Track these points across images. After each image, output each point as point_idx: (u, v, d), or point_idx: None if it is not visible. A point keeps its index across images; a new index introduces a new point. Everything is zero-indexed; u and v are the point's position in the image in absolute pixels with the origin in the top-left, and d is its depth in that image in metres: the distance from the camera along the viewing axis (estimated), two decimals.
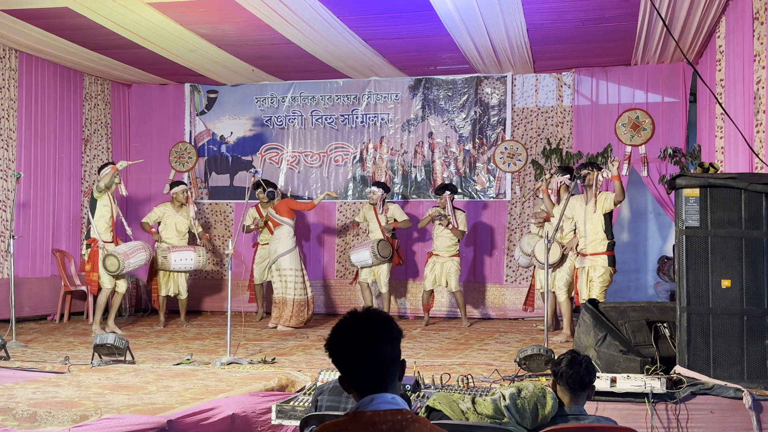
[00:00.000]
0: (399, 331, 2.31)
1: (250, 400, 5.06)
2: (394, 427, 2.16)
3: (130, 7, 8.17)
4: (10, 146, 9.94)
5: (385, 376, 2.26)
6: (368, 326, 2.27)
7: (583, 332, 5.95)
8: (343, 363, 2.28)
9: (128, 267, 8.80)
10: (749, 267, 5.33)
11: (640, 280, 11.87)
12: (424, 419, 2.26)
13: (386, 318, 2.30)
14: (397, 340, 2.29)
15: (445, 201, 9.58)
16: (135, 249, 8.94)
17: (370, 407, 2.21)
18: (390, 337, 2.27)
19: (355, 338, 2.26)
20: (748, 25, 6.84)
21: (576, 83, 10.75)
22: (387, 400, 2.23)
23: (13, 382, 5.70)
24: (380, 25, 8.84)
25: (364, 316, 2.29)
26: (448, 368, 6.22)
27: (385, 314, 2.33)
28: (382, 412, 2.19)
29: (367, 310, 2.31)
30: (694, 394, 5.05)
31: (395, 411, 2.21)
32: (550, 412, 3.72)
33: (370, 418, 2.18)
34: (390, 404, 2.22)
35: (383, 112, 11.42)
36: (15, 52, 10.01)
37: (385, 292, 9.93)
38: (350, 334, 2.27)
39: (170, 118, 12.07)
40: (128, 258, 8.76)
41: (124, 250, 8.80)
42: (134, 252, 8.89)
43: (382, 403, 2.22)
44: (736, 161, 7.34)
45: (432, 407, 3.92)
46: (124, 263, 8.69)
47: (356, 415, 2.21)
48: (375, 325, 2.27)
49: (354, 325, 2.28)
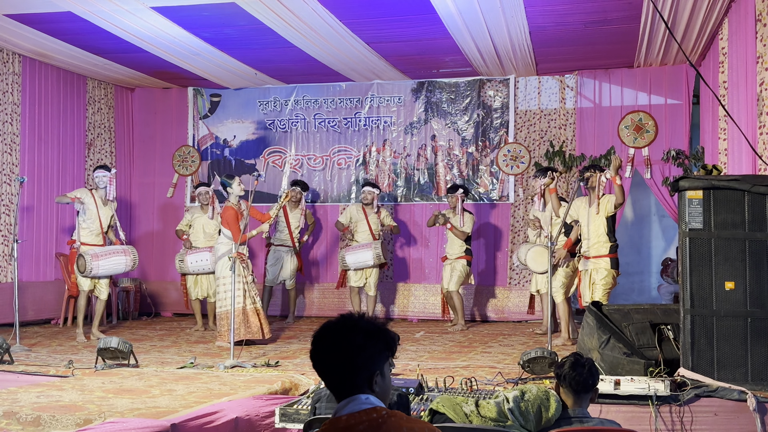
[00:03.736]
0: (373, 333, 2.29)
1: (253, 403, 5.06)
2: (371, 425, 2.18)
3: (133, 11, 8.19)
4: (14, 150, 9.96)
5: (359, 379, 2.26)
6: (339, 331, 2.28)
7: (587, 335, 5.94)
8: (317, 368, 2.32)
9: (98, 269, 8.51)
10: (753, 269, 5.32)
11: (644, 282, 11.85)
12: (400, 413, 2.27)
13: (357, 321, 2.30)
14: (371, 344, 2.27)
15: (456, 200, 9.60)
16: (111, 252, 8.68)
17: (344, 411, 2.23)
18: (361, 341, 2.26)
19: (324, 343, 2.29)
20: (751, 27, 6.84)
21: (579, 85, 10.75)
22: (361, 401, 2.24)
23: (17, 386, 5.71)
24: (383, 28, 8.85)
25: (335, 321, 2.31)
26: (451, 371, 6.22)
27: (359, 317, 2.31)
28: (357, 414, 2.21)
29: (342, 316, 2.33)
30: (698, 397, 5.04)
31: (369, 410, 2.22)
32: (554, 415, 3.72)
33: (346, 422, 2.20)
34: (364, 404, 2.23)
35: (386, 115, 11.43)
36: (18, 57, 10.04)
37: (373, 295, 9.98)
38: (320, 339, 2.30)
39: (173, 121, 12.09)
40: (97, 259, 8.50)
41: (96, 252, 8.57)
42: (108, 255, 8.63)
43: (357, 404, 2.23)
44: (740, 163, 7.33)
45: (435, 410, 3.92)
46: (92, 264, 8.44)
47: (333, 422, 2.23)
48: (344, 330, 2.28)
49: (324, 330, 2.31)
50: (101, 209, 8.80)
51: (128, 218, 11.92)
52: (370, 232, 9.95)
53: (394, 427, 2.18)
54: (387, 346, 2.32)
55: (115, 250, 8.76)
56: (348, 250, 9.91)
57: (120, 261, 8.72)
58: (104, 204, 8.84)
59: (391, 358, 2.36)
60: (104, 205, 8.84)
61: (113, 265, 8.69)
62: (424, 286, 11.09)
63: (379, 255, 9.70)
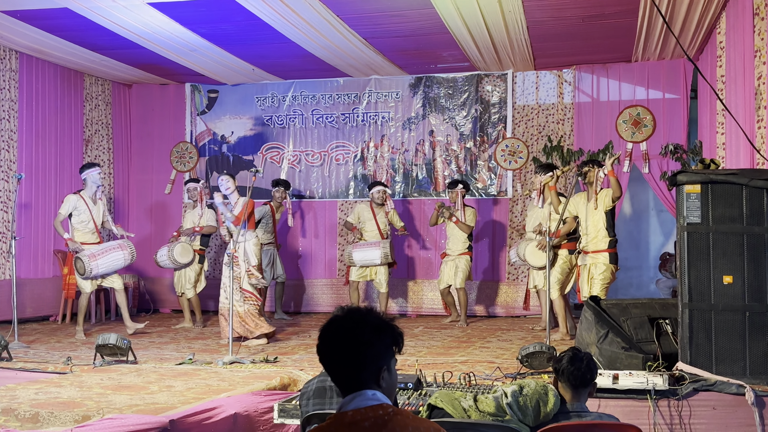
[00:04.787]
0: (381, 328, 2.28)
1: (252, 399, 5.06)
2: (377, 422, 2.17)
3: (130, 7, 8.18)
4: (11, 147, 9.94)
5: (365, 374, 2.25)
6: (346, 325, 2.28)
7: (585, 329, 5.95)
8: (323, 362, 2.30)
9: (97, 269, 8.49)
10: (751, 263, 5.32)
11: (642, 276, 11.86)
12: (407, 411, 2.26)
13: (365, 316, 2.29)
14: (378, 339, 2.27)
15: (456, 195, 9.60)
16: (107, 249, 8.66)
17: (350, 406, 2.22)
18: (368, 336, 2.25)
19: (331, 338, 2.28)
20: (749, 21, 6.83)
21: (577, 80, 10.74)
22: (367, 397, 2.23)
23: (16, 383, 5.71)
24: (380, 23, 8.84)
25: (343, 315, 2.30)
26: (450, 366, 6.22)
27: (367, 311, 2.31)
28: (363, 410, 2.20)
29: (350, 309, 2.32)
30: (697, 391, 5.05)
31: (376, 407, 2.21)
32: (552, 410, 3.71)
33: (352, 417, 2.19)
34: (371, 401, 2.22)
35: (384, 111, 11.42)
36: (15, 53, 10.02)
37: (384, 292, 9.89)
38: (327, 333, 2.29)
39: (171, 118, 12.07)
40: (95, 259, 8.47)
41: (93, 251, 8.55)
42: (105, 252, 8.60)
43: (363, 400, 2.22)
44: (738, 157, 7.33)
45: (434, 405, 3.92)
46: (90, 265, 8.43)
47: (338, 416, 2.22)
48: (351, 324, 2.27)
49: (332, 324, 2.30)
50: (92, 208, 8.79)
51: (126, 214, 11.91)
52: (378, 231, 9.93)
53: (400, 426, 2.17)
54: (394, 341, 2.31)
55: (110, 246, 8.75)
56: (355, 247, 9.84)
57: (118, 256, 8.70)
58: (94, 202, 8.83)
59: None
60: (94, 204, 8.82)
61: (112, 262, 8.66)
62: (424, 281, 11.08)
63: (387, 254, 9.66)
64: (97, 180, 8.85)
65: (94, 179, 8.83)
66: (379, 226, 9.92)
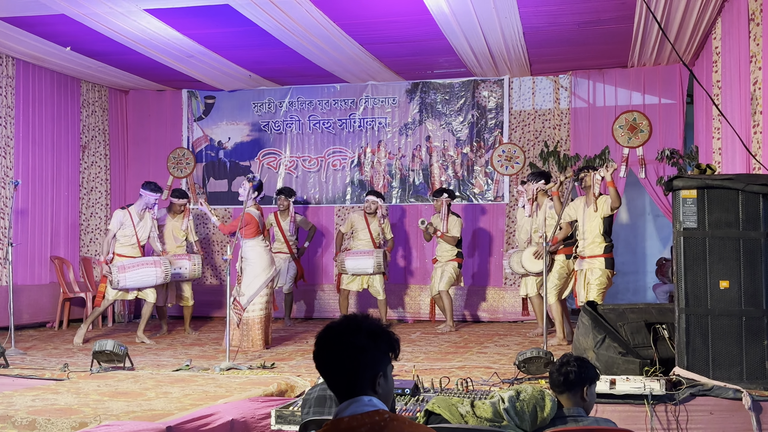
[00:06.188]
0: (377, 334, 2.29)
1: (249, 405, 5.06)
2: (373, 428, 2.17)
3: (126, 14, 8.18)
4: (8, 154, 9.94)
5: (361, 380, 2.26)
6: (342, 331, 2.28)
7: (582, 334, 5.95)
8: (320, 369, 2.31)
9: (125, 281, 8.45)
10: (747, 268, 5.33)
11: (639, 281, 11.88)
12: (403, 417, 2.27)
13: (361, 322, 2.29)
14: (373, 345, 2.27)
15: (441, 204, 9.59)
16: (140, 263, 8.62)
17: (347, 412, 2.22)
18: (364, 342, 2.26)
19: (327, 344, 2.29)
20: (744, 27, 6.85)
21: (573, 86, 10.76)
22: (364, 403, 2.23)
23: (12, 390, 5.69)
24: (377, 29, 8.85)
25: (339, 321, 2.31)
26: (447, 372, 6.22)
27: (363, 318, 2.31)
28: (359, 416, 2.20)
29: (346, 316, 2.33)
30: (694, 396, 5.05)
31: (372, 413, 2.21)
32: (549, 415, 3.72)
33: (348, 424, 2.19)
34: (367, 407, 2.22)
35: (381, 117, 11.43)
36: (12, 60, 10.02)
37: (382, 299, 9.87)
38: (323, 340, 2.30)
39: (168, 124, 12.07)
40: (124, 271, 8.46)
41: (124, 263, 8.54)
42: (137, 266, 8.57)
43: (359, 406, 2.22)
44: (734, 162, 7.34)
45: (431, 411, 3.92)
46: (117, 276, 8.41)
47: (335, 423, 2.22)
48: (347, 330, 2.28)
49: (327, 330, 2.31)
50: (137, 223, 8.81)
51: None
52: (371, 239, 9.90)
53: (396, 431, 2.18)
54: (390, 347, 2.31)
55: (144, 261, 8.70)
56: (348, 255, 9.78)
57: (150, 272, 8.61)
58: (140, 219, 8.84)
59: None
60: (140, 220, 8.84)
61: (142, 277, 8.57)
62: (422, 287, 11.08)
63: (379, 264, 9.63)
64: (150, 202, 8.86)
65: (147, 200, 8.85)
66: (372, 235, 9.89)
